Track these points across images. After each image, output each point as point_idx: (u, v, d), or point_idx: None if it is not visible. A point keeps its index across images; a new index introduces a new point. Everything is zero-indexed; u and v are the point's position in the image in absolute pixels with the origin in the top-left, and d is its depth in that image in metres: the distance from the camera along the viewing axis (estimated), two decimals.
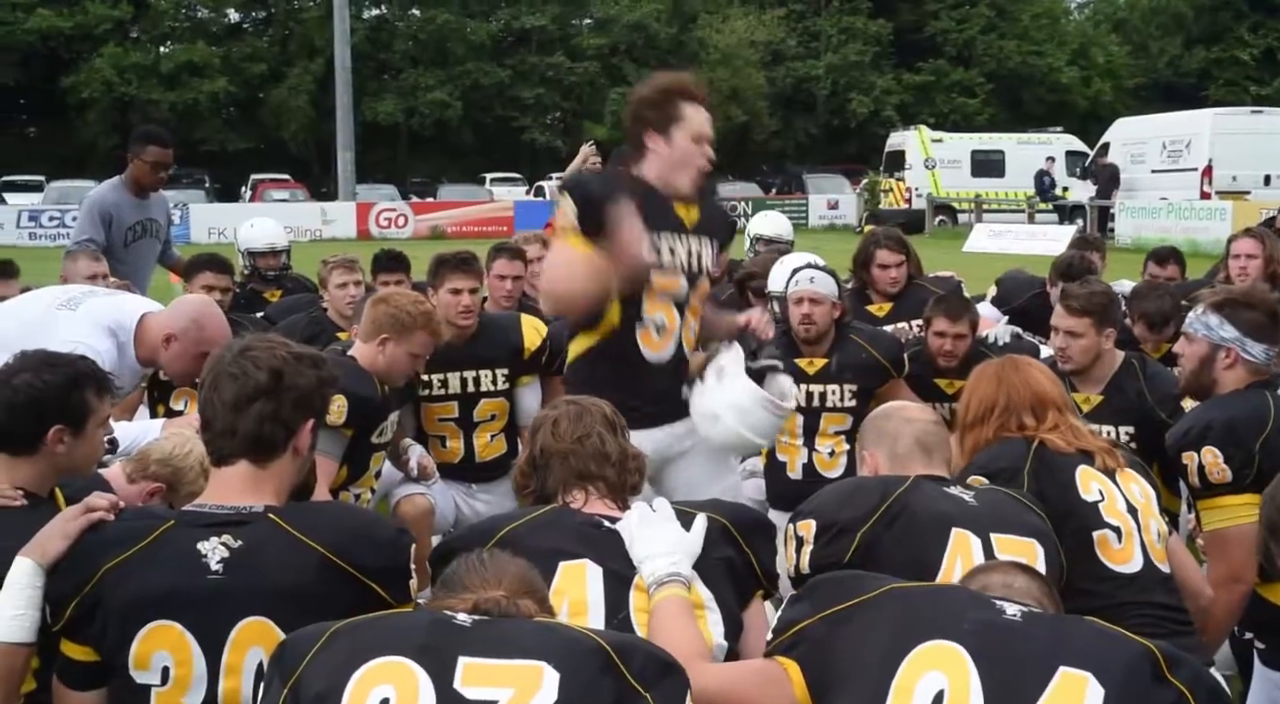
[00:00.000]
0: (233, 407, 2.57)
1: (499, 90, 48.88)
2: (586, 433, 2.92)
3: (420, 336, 4.51)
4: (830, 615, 2.29)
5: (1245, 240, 6.52)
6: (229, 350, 2.65)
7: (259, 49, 48.73)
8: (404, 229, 32.85)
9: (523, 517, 2.81)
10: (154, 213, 6.82)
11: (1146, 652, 2.11)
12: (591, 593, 2.64)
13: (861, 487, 2.93)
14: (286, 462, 2.62)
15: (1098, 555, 3.20)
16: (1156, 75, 54.14)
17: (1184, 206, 25.02)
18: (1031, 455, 3.26)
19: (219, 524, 2.50)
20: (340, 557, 2.48)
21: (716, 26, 49.84)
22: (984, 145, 34.58)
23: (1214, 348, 3.74)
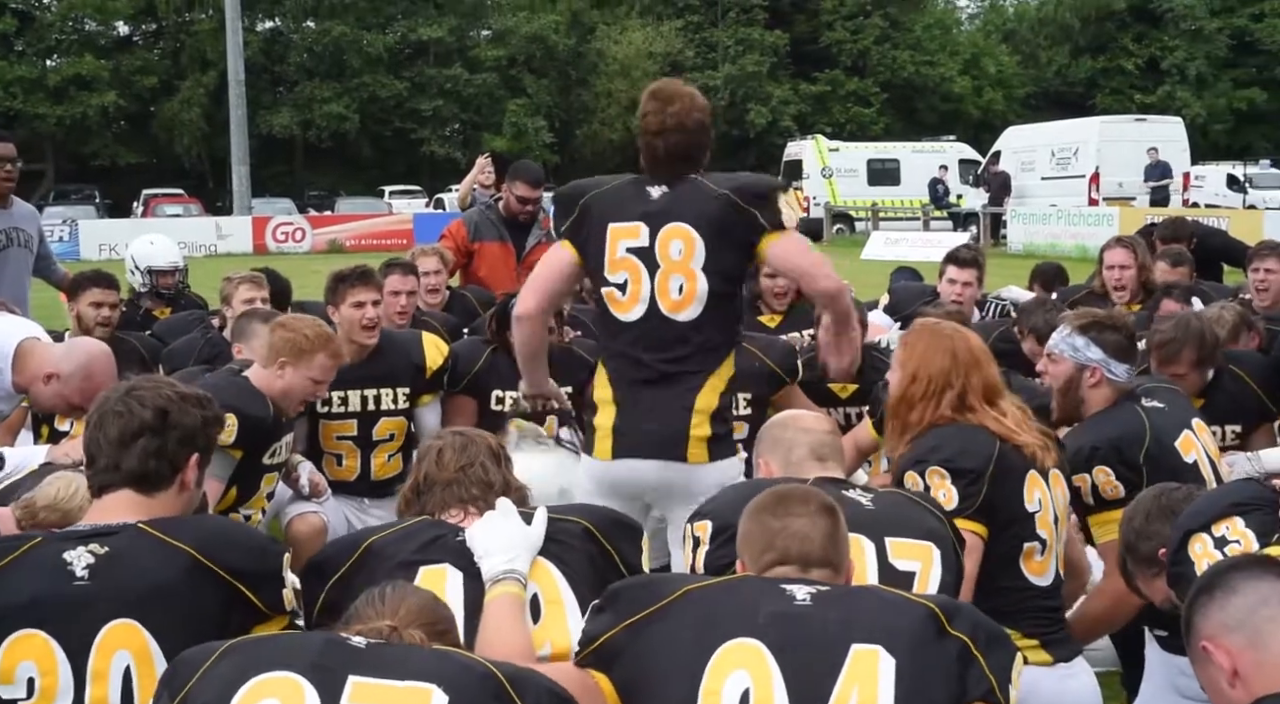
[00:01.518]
0: (118, 443, 2.61)
1: (397, 102, 48.56)
2: (470, 462, 2.95)
3: (320, 360, 4.45)
4: (631, 625, 2.34)
5: (1117, 250, 6.65)
6: (115, 391, 2.70)
7: (150, 62, 47.90)
8: (302, 243, 32.46)
9: (388, 528, 2.84)
10: (18, 221, 6.53)
11: (927, 611, 2.26)
12: (450, 595, 2.66)
13: (758, 488, 2.95)
14: (172, 495, 2.66)
15: (1019, 564, 3.31)
16: (1046, 84, 55.37)
17: (1073, 213, 25.63)
18: (995, 458, 3.28)
19: (88, 536, 2.52)
20: (208, 557, 2.50)
21: (614, 38, 50.01)
22: (880, 154, 35.09)
23: (1080, 368, 3.86)
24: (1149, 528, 3.04)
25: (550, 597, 2.71)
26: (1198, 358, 4.49)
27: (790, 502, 2.50)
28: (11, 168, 6.45)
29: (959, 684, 2.20)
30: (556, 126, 49.97)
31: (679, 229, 3.74)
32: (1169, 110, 43.20)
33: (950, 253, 6.55)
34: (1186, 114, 40.89)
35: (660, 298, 3.76)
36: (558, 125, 50.18)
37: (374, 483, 5.31)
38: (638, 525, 2.99)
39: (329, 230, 33.43)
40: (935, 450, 3.30)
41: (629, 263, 3.78)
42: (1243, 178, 34.97)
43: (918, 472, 3.30)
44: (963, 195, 31.20)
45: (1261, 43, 52.52)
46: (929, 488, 3.26)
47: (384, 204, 40.56)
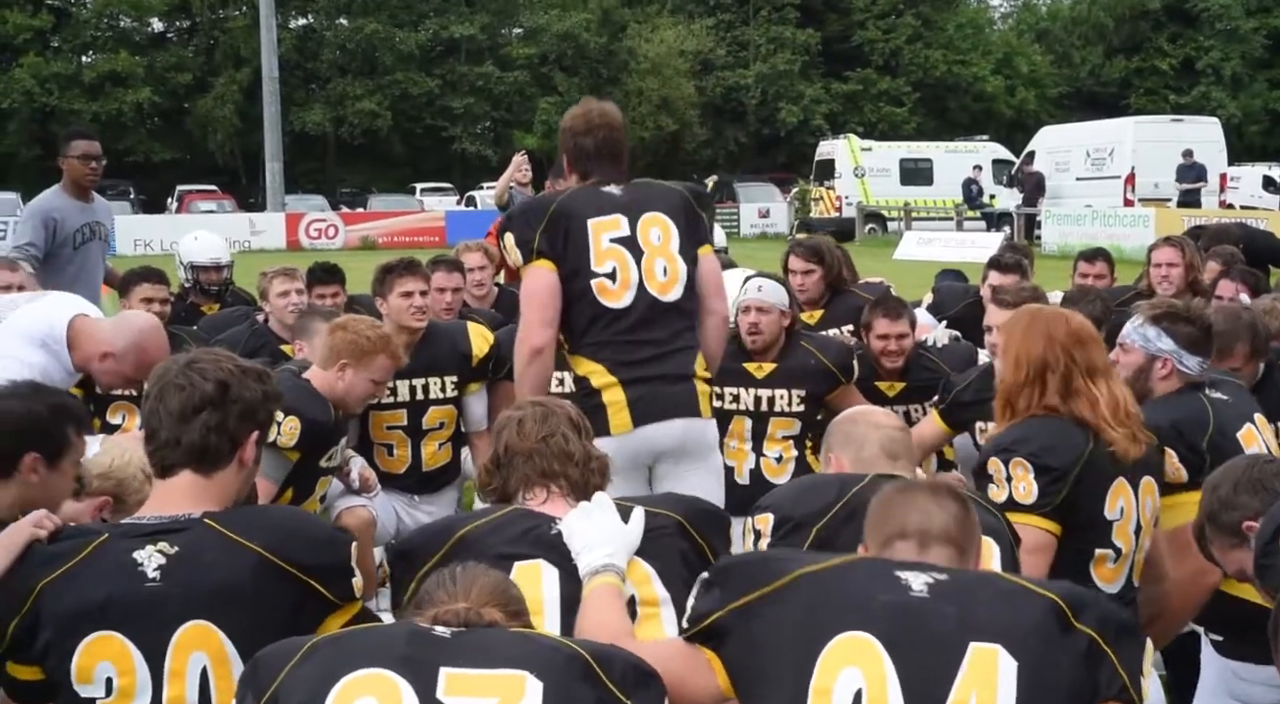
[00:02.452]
0: (178, 417, 2.58)
1: (428, 100, 48.65)
2: (551, 432, 2.92)
3: (381, 361, 4.52)
4: (740, 607, 2.28)
5: (1165, 249, 6.60)
6: (175, 362, 2.67)
7: (184, 58, 48.11)
8: (334, 239, 32.58)
9: (479, 517, 2.81)
10: (99, 216, 6.77)
11: (1051, 605, 2.15)
12: (547, 592, 2.65)
13: (819, 483, 2.96)
14: (231, 473, 2.64)
15: (1090, 570, 3.30)
16: (1079, 84, 55.06)
17: (1108, 214, 25.45)
18: (1084, 461, 3.25)
19: (155, 533, 2.51)
20: (277, 555, 2.49)
21: (646, 36, 49.99)
22: (912, 154, 34.99)
23: (1150, 359, 3.84)
24: (1236, 498, 2.99)
25: (647, 597, 2.68)
26: (1251, 349, 4.45)
27: (918, 486, 2.51)
28: (97, 165, 6.67)
29: (1089, 683, 2.11)
30: None
31: (655, 217, 4.04)
32: (1204, 111, 42.87)
33: (993, 258, 6.49)
34: (1221, 114, 40.58)
35: (648, 281, 3.99)
36: None
37: (424, 474, 5.35)
38: (726, 516, 2.97)
39: (361, 227, 33.54)
40: (1024, 442, 3.28)
41: (615, 252, 3.98)
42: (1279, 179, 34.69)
43: (1002, 460, 3.28)
44: (996, 195, 31.06)
45: None
46: (1010, 478, 3.24)
47: (415, 201, 40.65)
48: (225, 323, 6.37)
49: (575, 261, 3.95)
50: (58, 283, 6.14)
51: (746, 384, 5.25)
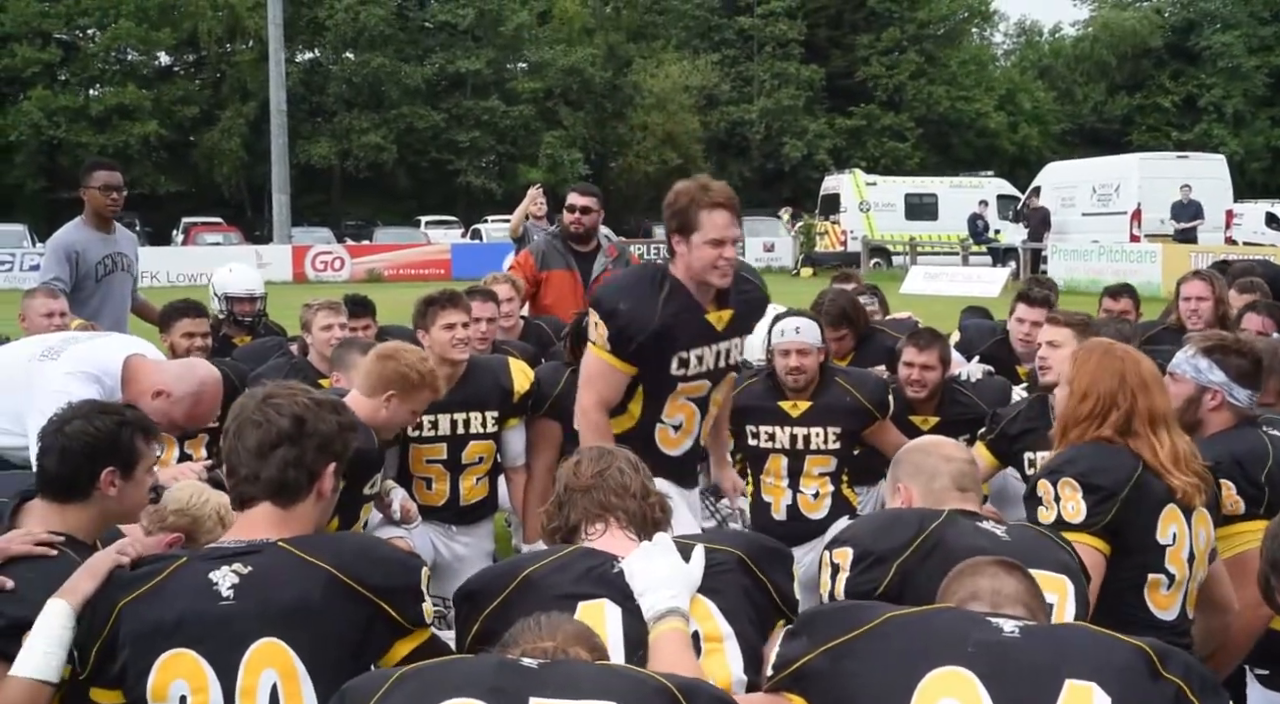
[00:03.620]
0: (256, 453, 2.64)
1: (434, 133, 48.86)
2: (606, 468, 2.96)
3: (425, 395, 4.55)
4: (831, 649, 2.31)
5: (1195, 283, 6.63)
6: (252, 398, 2.72)
7: (190, 92, 48.34)
8: (340, 272, 32.64)
9: (544, 558, 2.81)
10: (122, 247, 6.79)
11: (1141, 652, 2.21)
12: (610, 631, 2.64)
13: (899, 518, 2.96)
14: (310, 504, 2.69)
15: (1144, 595, 3.32)
16: (1082, 121, 55.39)
17: (1115, 249, 25.50)
18: (1133, 483, 3.29)
19: (231, 555, 2.56)
20: (349, 575, 2.53)
21: (651, 71, 50.27)
22: (917, 189, 35.08)
23: (1201, 390, 3.87)
24: None
25: (710, 633, 2.68)
26: None
27: (988, 559, 2.56)
28: (118, 196, 6.71)
29: None
30: (592, 158, 50.21)
31: None
32: (1205, 147, 43.14)
33: (1021, 292, 6.53)
34: (1224, 151, 40.74)
35: None
36: (593, 157, 50.43)
37: (462, 508, 5.35)
38: (789, 552, 2.97)
39: (367, 260, 33.59)
40: (1072, 463, 3.32)
41: None
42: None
43: (1051, 481, 3.31)
44: (1001, 230, 31.14)
45: None
46: (1059, 498, 3.27)
47: (421, 234, 40.72)
48: (259, 353, 6.39)
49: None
50: (82, 315, 6.18)
51: (782, 423, 5.28)
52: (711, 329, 4.07)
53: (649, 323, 3.90)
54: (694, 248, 3.97)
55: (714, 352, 4.07)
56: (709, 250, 3.96)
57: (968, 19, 57.10)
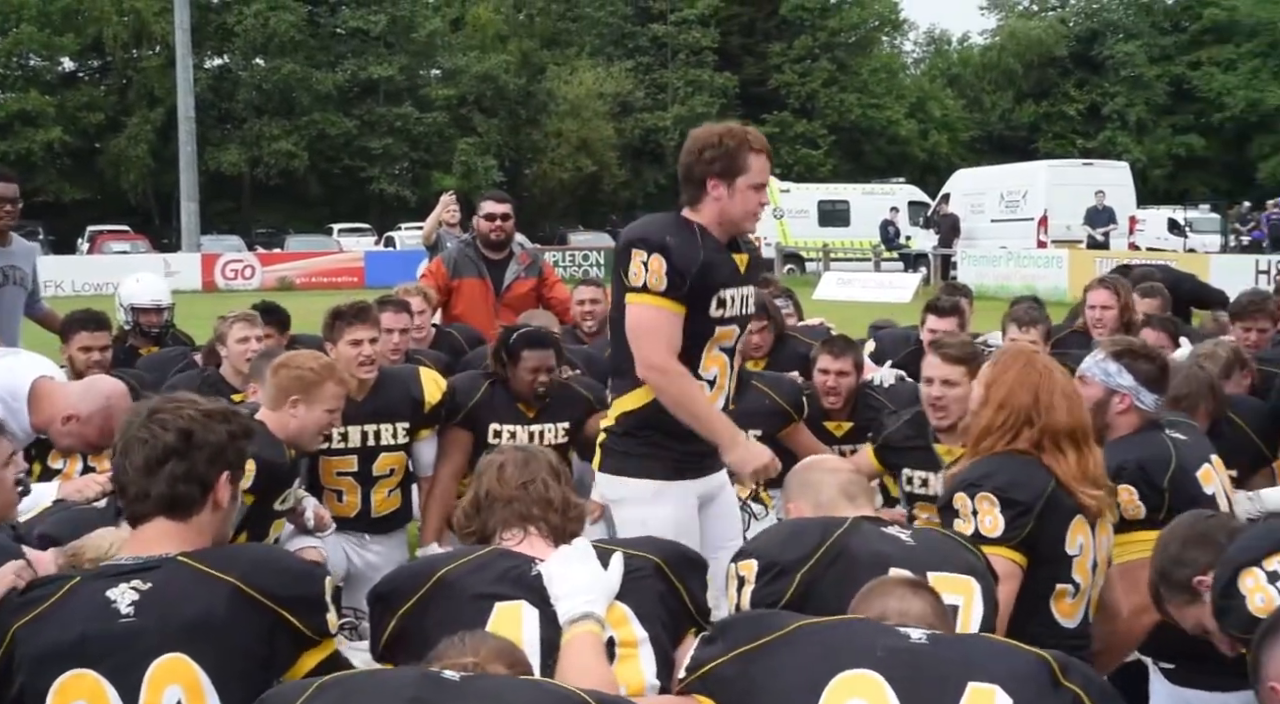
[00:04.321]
0: (144, 470, 2.59)
1: (346, 140, 48.43)
2: (531, 478, 2.92)
3: (330, 389, 4.47)
4: (743, 654, 2.36)
5: (1100, 291, 6.71)
6: (138, 414, 2.66)
7: (96, 98, 47.45)
8: (251, 280, 32.17)
9: (460, 557, 2.80)
10: (16, 260, 6.54)
11: (1042, 661, 2.29)
12: (527, 634, 2.64)
13: (803, 528, 2.98)
14: (206, 517, 2.64)
15: (1050, 605, 3.36)
16: (990, 128, 56.29)
17: (1022, 255, 25.94)
18: (1047, 496, 3.32)
19: (129, 572, 2.51)
20: (251, 586, 2.50)
21: (565, 78, 50.24)
22: (830, 195, 35.37)
23: (1109, 393, 3.93)
24: (1184, 554, 3.08)
25: (625, 639, 2.69)
26: (1214, 407, 4.60)
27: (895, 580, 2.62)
28: (12, 207, 6.43)
29: None
30: (506, 165, 50.07)
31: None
32: (1109, 155, 43.99)
33: (930, 302, 6.57)
34: (1127, 159, 41.60)
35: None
36: (507, 164, 50.28)
37: (374, 519, 5.30)
38: (704, 561, 2.97)
39: (278, 268, 33.16)
40: (989, 477, 3.35)
41: None
42: (1183, 222, 35.62)
43: (968, 494, 3.34)
44: (913, 237, 31.52)
45: (1199, 90, 53.76)
46: (977, 511, 3.31)
47: (333, 242, 40.32)
48: (163, 362, 6.27)
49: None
50: None
51: None
52: (738, 270, 3.93)
53: (696, 256, 3.74)
54: (737, 191, 3.80)
55: (741, 294, 3.93)
56: (752, 195, 3.83)
57: (878, 28, 57.82)
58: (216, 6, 49.34)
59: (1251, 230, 35.83)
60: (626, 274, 3.80)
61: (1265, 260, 22.15)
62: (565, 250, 36.37)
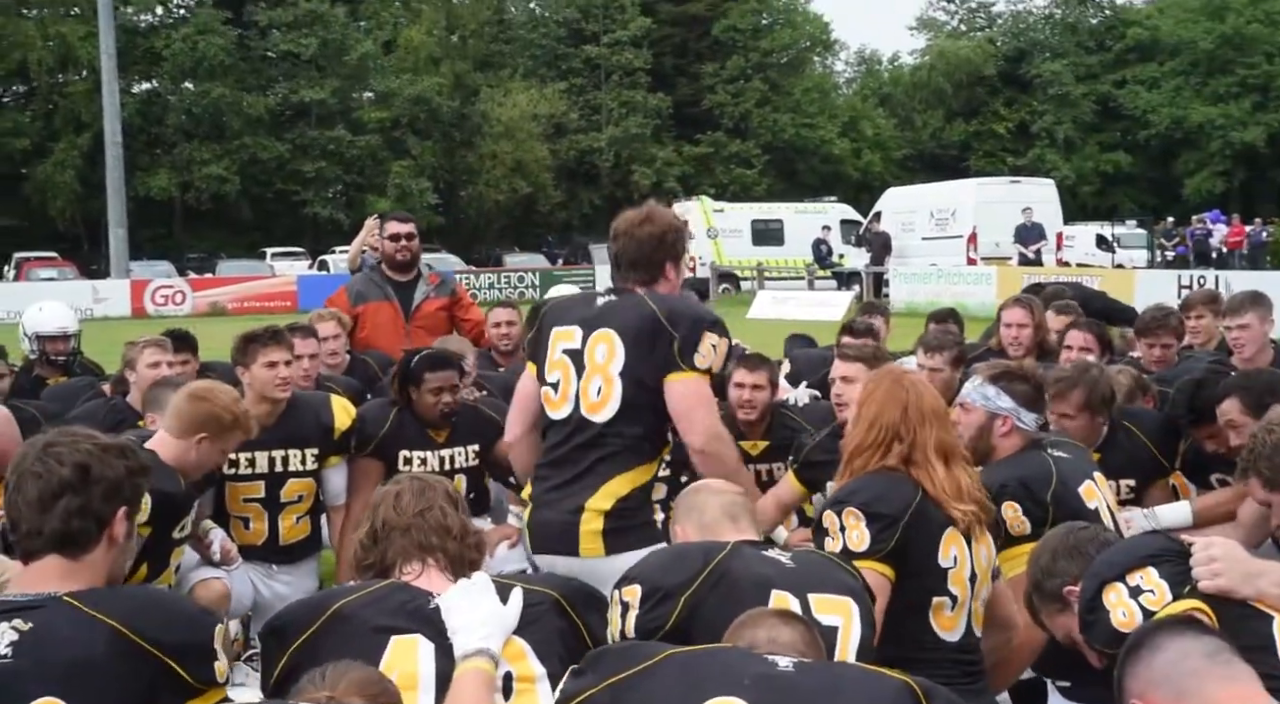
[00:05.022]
0: (38, 506, 2.53)
1: (278, 164, 48.09)
2: (428, 506, 2.91)
3: (237, 436, 4.43)
4: (615, 683, 2.38)
5: (1015, 309, 6.75)
6: (32, 448, 2.61)
7: (21, 123, 46.75)
8: (182, 306, 31.81)
9: (356, 591, 2.78)
10: None
11: (905, 687, 2.33)
12: (422, 667, 2.63)
13: (684, 552, 2.98)
14: (100, 553, 2.59)
15: (928, 618, 3.37)
16: (921, 147, 56.94)
17: (952, 272, 26.21)
18: (914, 508, 3.34)
19: (11, 611, 2.45)
20: (134, 631, 2.44)
21: (499, 100, 50.21)
22: (764, 215, 35.57)
23: (991, 417, 4.04)
24: (1055, 565, 3.14)
25: (522, 674, 2.68)
26: (1085, 401, 4.64)
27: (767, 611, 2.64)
28: None
29: None
30: (441, 188, 49.91)
31: (605, 334, 3.86)
32: (1039, 172, 44.59)
33: (847, 323, 6.64)
34: (1056, 176, 42.22)
35: (582, 398, 3.86)
36: (442, 186, 50.12)
37: (282, 547, 5.23)
38: (603, 596, 2.97)
39: (210, 293, 32.82)
40: (855, 494, 3.38)
41: (562, 363, 3.91)
42: (1111, 237, 36.18)
43: (835, 512, 3.38)
44: (845, 255, 31.75)
45: (1124, 108, 54.72)
46: (844, 528, 3.33)
47: (266, 266, 39.96)
48: (70, 393, 6.16)
49: (541, 365, 3.98)
50: None
51: None
52: None
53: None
54: (681, 271, 4.05)
55: None
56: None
57: (810, 48, 58.32)
58: (144, 31, 48.93)
59: (1176, 245, 36.51)
60: (691, 355, 3.79)
61: (1188, 275, 22.55)
62: (501, 272, 36.29)
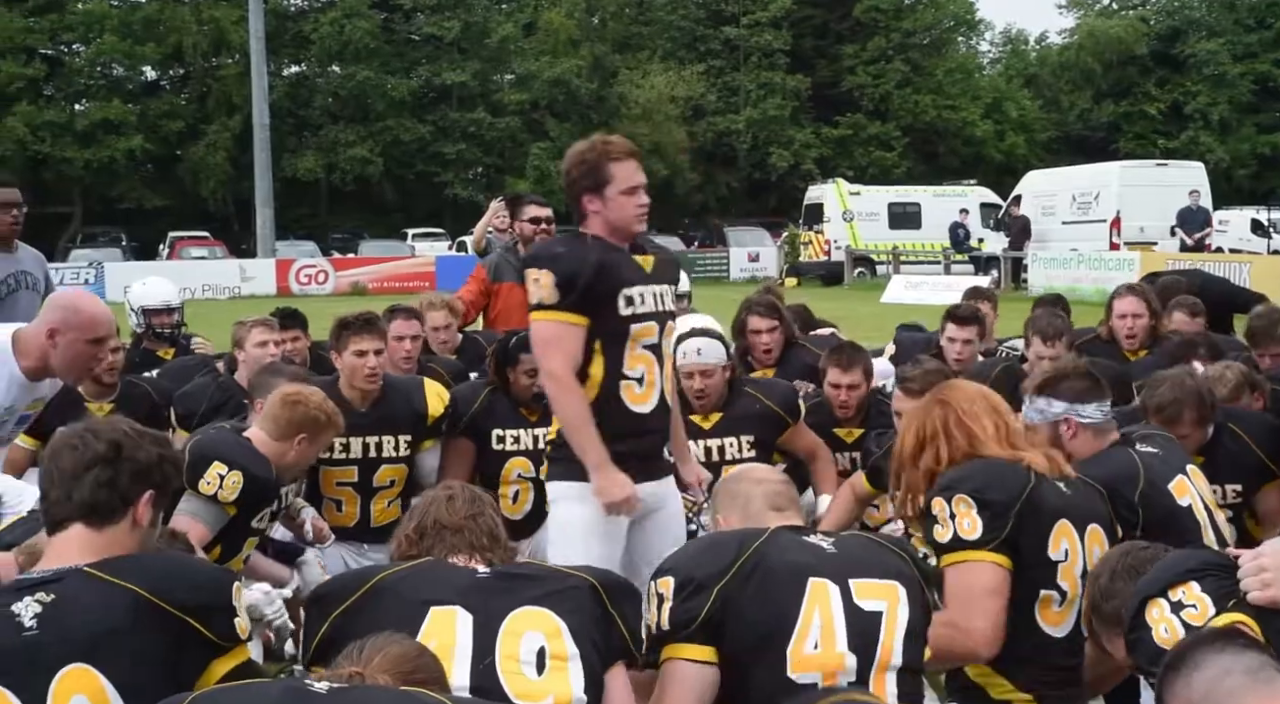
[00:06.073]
0: (71, 474, 2.63)
1: (420, 146, 48.86)
2: (480, 512, 3.00)
3: (331, 435, 4.57)
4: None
5: (1129, 299, 6.49)
6: (72, 428, 2.73)
7: (176, 106, 48.30)
8: (325, 285, 32.61)
9: (397, 566, 2.85)
10: (26, 265, 6.57)
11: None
12: (460, 638, 2.68)
13: (718, 541, 2.97)
14: (123, 530, 2.66)
15: (1035, 612, 3.31)
16: (1068, 129, 55.39)
17: (1094, 257, 25.51)
18: (1026, 496, 3.28)
19: (35, 585, 2.53)
20: (156, 594, 2.51)
21: (637, 82, 50.29)
22: (900, 198, 35.07)
23: (1054, 426, 3.92)
24: (1113, 587, 3.04)
25: (556, 651, 2.72)
26: (1198, 417, 4.48)
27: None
28: (17, 213, 6.48)
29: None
30: None
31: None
32: (1192, 155, 43.09)
33: (950, 309, 6.46)
34: (1210, 159, 40.78)
35: None
36: None
37: (373, 529, 5.31)
38: (637, 590, 3.02)
39: (352, 273, 33.57)
40: (965, 480, 3.30)
41: None
42: (1267, 222, 34.85)
43: (945, 498, 3.30)
44: (983, 239, 31.15)
45: None
46: (954, 515, 3.26)
47: (407, 247, 40.70)
48: (183, 371, 6.35)
49: None
50: None
51: (695, 435, 5.19)
52: (641, 270, 4.04)
53: (588, 259, 3.88)
54: (610, 200, 3.97)
55: (652, 292, 4.02)
56: (627, 200, 3.97)
57: (953, 28, 57.13)
58: (293, 15, 50.08)
59: None
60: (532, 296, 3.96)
61: None
62: None
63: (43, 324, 4.09)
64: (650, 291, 4.00)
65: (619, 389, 3.96)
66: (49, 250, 7.24)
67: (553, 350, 3.91)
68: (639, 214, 4.00)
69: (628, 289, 3.93)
